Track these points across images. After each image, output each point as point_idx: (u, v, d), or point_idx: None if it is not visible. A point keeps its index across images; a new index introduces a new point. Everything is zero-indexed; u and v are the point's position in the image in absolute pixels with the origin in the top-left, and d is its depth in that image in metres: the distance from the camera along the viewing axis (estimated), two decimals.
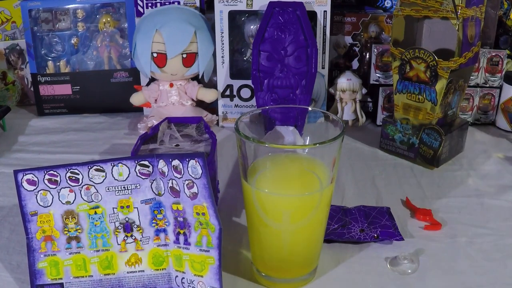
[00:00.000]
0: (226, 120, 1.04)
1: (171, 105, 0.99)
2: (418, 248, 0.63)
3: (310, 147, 0.56)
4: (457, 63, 0.79)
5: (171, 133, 0.71)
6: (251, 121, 0.56)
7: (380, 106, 1.01)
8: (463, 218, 0.69)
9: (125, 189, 0.53)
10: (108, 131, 1.01)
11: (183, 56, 0.96)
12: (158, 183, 0.53)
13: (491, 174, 0.83)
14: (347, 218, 0.66)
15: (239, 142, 0.52)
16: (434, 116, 0.82)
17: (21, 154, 0.91)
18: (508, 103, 0.99)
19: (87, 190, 0.53)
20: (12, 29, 1.14)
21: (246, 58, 1.06)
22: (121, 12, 1.08)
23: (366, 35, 1.08)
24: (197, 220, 0.52)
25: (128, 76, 1.08)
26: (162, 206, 0.54)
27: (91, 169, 0.53)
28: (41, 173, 0.52)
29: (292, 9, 0.92)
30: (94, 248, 0.54)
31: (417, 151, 0.85)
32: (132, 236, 0.54)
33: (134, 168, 0.53)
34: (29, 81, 1.13)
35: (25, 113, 1.11)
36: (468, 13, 0.78)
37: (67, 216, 0.54)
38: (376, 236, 0.63)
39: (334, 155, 0.52)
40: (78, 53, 1.09)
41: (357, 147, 0.93)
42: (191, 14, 0.98)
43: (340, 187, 0.78)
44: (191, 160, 0.50)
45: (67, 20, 1.08)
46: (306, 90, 0.94)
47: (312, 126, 0.58)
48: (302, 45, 0.92)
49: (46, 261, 0.54)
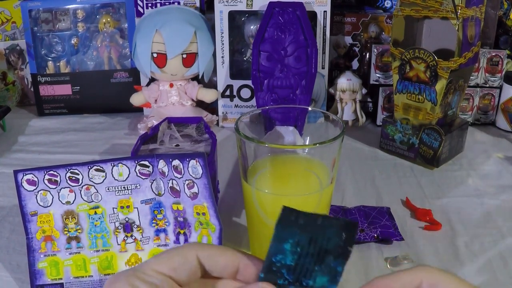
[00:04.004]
0: (226, 120, 1.04)
1: (171, 105, 0.99)
2: (418, 248, 0.63)
3: (310, 147, 0.56)
4: (457, 63, 0.79)
5: (171, 133, 0.71)
6: (251, 121, 0.56)
7: (380, 106, 1.01)
8: (463, 218, 0.69)
9: (125, 189, 0.53)
10: (108, 131, 1.01)
11: (183, 56, 0.96)
12: (158, 183, 0.53)
13: (491, 174, 0.83)
14: (347, 218, 0.66)
15: (239, 142, 0.52)
16: (434, 116, 0.82)
17: (21, 154, 0.91)
18: (508, 103, 0.99)
19: (87, 190, 0.53)
20: (12, 29, 1.14)
21: (246, 58, 1.06)
22: (121, 12, 1.08)
23: (366, 35, 1.08)
24: (197, 220, 0.52)
25: (128, 76, 1.08)
26: (162, 206, 0.54)
27: (91, 169, 0.53)
28: (41, 173, 0.52)
29: (292, 9, 0.92)
30: (94, 248, 0.54)
31: (417, 151, 0.85)
32: (132, 236, 0.54)
33: (134, 168, 0.53)
34: (29, 81, 1.13)
35: (25, 113, 1.11)
36: (468, 13, 0.78)
37: (67, 216, 0.54)
38: (376, 236, 0.63)
39: (334, 155, 0.52)
40: (78, 54, 1.09)
41: (357, 147, 0.93)
42: (191, 14, 0.98)
43: (340, 187, 0.78)
44: (192, 160, 0.50)
45: (67, 21, 1.08)
46: (306, 90, 0.94)
47: (312, 126, 0.58)
48: (302, 45, 0.92)
49: (46, 261, 0.54)
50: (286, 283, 0.30)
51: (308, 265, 0.30)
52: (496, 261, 0.61)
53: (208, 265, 0.31)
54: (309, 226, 0.30)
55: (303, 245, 0.30)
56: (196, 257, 0.31)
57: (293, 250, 0.30)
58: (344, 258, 0.30)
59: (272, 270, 0.30)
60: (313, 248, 0.30)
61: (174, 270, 0.30)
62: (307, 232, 0.30)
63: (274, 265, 0.30)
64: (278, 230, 0.30)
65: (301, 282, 0.30)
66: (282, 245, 0.30)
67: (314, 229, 0.30)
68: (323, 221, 0.30)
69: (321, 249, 0.30)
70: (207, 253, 0.31)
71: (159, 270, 0.30)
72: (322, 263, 0.30)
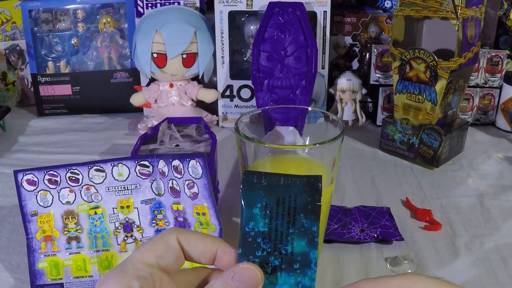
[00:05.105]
0: (226, 120, 1.04)
1: (171, 106, 0.99)
2: (418, 248, 0.63)
3: (310, 147, 0.56)
4: (457, 63, 0.79)
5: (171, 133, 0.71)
6: (251, 121, 0.56)
7: (380, 106, 1.01)
8: (463, 218, 0.69)
9: (125, 189, 0.53)
10: (108, 131, 1.01)
11: (183, 56, 0.96)
12: (158, 183, 0.53)
13: (491, 174, 0.83)
14: (347, 218, 0.66)
15: (239, 142, 0.52)
16: (434, 116, 0.82)
17: (21, 154, 0.91)
18: (508, 103, 0.99)
19: (87, 190, 0.53)
20: (12, 29, 1.14)
21: (246, 58, 1.06)
22: (121, 12, 1.08)
23: (366, 35, 1.08)
24: (197, 220, 0.52)
25: (128, 76, 1.08)
26: (162, 206, 0.54)
27: (91, 169, 0.53)
28: (41, 173, 0.52)
29: (292, 9, 0.92)
30: (94, 248, 0.54)
31: (417, 151, 0.85)
32: (132, 236, 0.54)
33: (134, 168, 0.53)
34: (29, 82, 1.13)
35: (25, 114, 1.11)
36: (468, 13, 0.78)
37: (67, 216, 0.54)
38: (376, 236, 0.63)
39: (334, 155, 0.52)
40: (78, 54, 1.09)
41: (357, 147, 0.93)
42: (191, 14, 0.98)
43: (340, 187, 0.78)
44: (192, 160, 0.50)
45: (67, 21, 1.08)
46: (306, 90, 0.94)
47: (312, 126, 0.58)
48: (302, 45, 0.92)
49: (46, 261, 0.54)
50: (265, 254, 0.30)
51: (281, 228, 0.30)
52: (496, 261, 0.61)
53: (187, 249, 0.32)
54: (273, 186, 0.30)
55: (272, 207, 0.30)
56: (177, 241, 0.31)
57: (262, 214, 0.30)
58: (315, 215, 0.30)
59: (248, 241, 0.30)
60: (282, 209, 0.30)
61: (160, 258, 0.31)
62: (272, 193, 0.30)
63: (249, 235, 0.30)
64: (244, 195, 0.30)
65: (280, 251, 0.30)
66: (251, 211, 0.30)
67: (279, 189, 0.30)
68: (285, 180, 0.30)
69: (290, 208, 0.30)
70: (186, 236, 0.32)
71: (146, 261, 0.30)
72: (294, 224, 0.30)
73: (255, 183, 0.30)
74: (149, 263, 0.30)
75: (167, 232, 0.32)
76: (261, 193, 0.30)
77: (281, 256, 0.30)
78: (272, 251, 0.30)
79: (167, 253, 0.31)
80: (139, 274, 0.29)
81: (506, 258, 0.61)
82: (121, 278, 0.29)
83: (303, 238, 0.30)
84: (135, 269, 0.30)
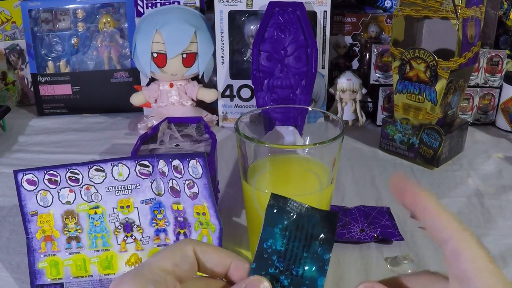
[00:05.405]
0: (226, 120, 1.04)
1: (171, 105, 0.99)
2: (418, 248, 0.63)
3: (310, 147, 0.56)
4: (457, 63, 0.79)
5: (171, 133, 0.71)
6: (251, 121, 0.56)
7: (380, 106, 1.01)
8: (463, 218, 0.69)
9: (125, 189, 0.53)
10: (108, 131, 1.01)
11: (183, 56, 0.96)
12: (158, 183, 0.53)
13: (491, 174, 0.83)
14: (347, 218, 0.66)
15: (239, 142, 0.52)
16: (434, 116, 0.82)
17: (21, 154, 0.91)
18: (508, 103, 0.99)
19: (87, 190, 0.53)
20: (12, 29, 1.14)
21: (246, 58, 1.06)
22: (121, 12, 1.08)
23: (366, 35, 1.08)
24: (197, 220, 0.52)
25: (128, 76, 1.08)
26: (162, 206, 0.54)
27: (91, 169, 0.53)
28: (41, 173, 0.52)
29: (292, 9, 0.92)
30: (94, 248, 0.54)
31: (417, 151, 0.85)
32: (132, 236, 0.54)
33: (134, 168, 0.53)
34: (29, 81, 1.13)
35: (25, 113, 1.11)
36: (468, 13, 0.78)
37: (67, 216, 0.54)
38: (376, 236, 0.63)
39: (334, 155, 0.52)
40: (78, 53, 1.09)
41: (357, 147, 0.93)
42: (191, 14, 0.98)
43: (340, 187, 0.78)
44: (192, 160, 0.50)
45: (67, 20, 1.08)
46: (306, 90, 0.94)
47: (312, 126, 0.58)
48: (302, 45, 0.92)
49: (46, 261, 0.54)
50: (277, 272, 0.32)
51: (296, 250, 0.32)
52: (496, 261, 0.60)
53: (203, 260, 0.32)
54: (295, 213, 0.32)
55: (291, 229, 0.32)
56: (194, 252, 0.32)
57: (282, 234, 0.32)
58: (329, 245, 0.32)
59: (263, 257, 0.32)
60: (300, 233, 0.32)
61: (176, 265, 0.31)
62: (294, 218, 0.32)
63: (265, 251, 0.32)
64: (268, 214, 0.32)
65: (291, 271, 0.32)
66: (272, 229, 0.32)
67: (300, 215, 0.32)
68: (306, 210, 0.33)
69: (307, 234, 0.32)
70: (202, 248, 0.33)
71: (163, 267, 0.31)
72: (309, 249, 0.32)
73: (280, 206, 0.33)
74: (165, 269, 0.31)
75: (185, 242, 0.33)
76: (284, 216, 0.32)
77: (291, 276, 0.32)
78: (284, 270, 0.32)
79: (183, 262, 0.32)
80: (155, 279, 0.30)
81: (506, 258, 0.61)
82: (137, 281, 0.29)
83: (314, 264, 0.32)
84: (151, 273, 0.30)
